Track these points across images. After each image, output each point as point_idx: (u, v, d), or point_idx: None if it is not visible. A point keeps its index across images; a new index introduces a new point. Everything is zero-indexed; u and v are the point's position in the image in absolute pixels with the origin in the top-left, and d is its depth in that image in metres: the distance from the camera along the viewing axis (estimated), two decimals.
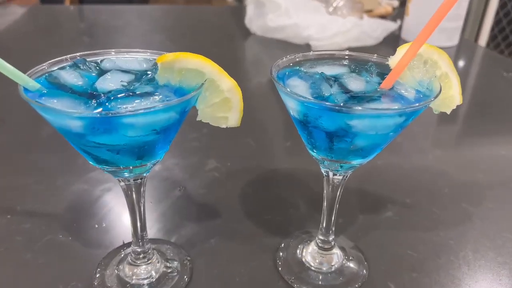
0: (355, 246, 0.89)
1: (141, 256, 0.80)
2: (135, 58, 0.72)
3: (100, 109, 0.57)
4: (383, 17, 2.29)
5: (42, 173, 1.09)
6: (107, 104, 0.58)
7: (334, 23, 1.92)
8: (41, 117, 0.60)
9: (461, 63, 2.04)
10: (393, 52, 0.70)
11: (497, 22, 3.29)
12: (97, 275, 0.80)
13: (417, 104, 0.60)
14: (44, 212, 0.96)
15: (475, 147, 1.33)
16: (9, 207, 0.96)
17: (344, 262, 0.84)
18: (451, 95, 0.70)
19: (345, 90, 0.66)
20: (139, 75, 0.67)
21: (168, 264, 0.82)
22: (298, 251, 0.87)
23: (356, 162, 0.70)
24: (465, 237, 0.93)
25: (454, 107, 0.70)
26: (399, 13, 2.49)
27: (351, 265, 0.84)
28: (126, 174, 0.68)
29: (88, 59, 0.71)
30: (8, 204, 0.97)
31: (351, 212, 0.99)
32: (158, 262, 0.82)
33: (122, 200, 0.98)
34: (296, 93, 0.61)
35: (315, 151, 0.70)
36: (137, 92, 0.61)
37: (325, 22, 1.92)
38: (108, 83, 0.63)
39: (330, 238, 0.83)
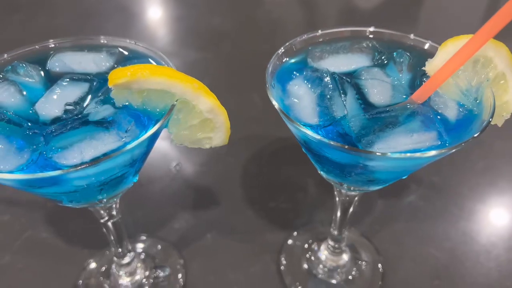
0: (369, 244, 0.78)
1: (124, 266, 0.71)
2: (92, 56, 0.55)
3: (37, 156, 0.43)
4: None
5: None
6: (46, 148, 0.44)
7: None
8: None
9: None
10: None
11: None
12: (80, 284, 0.72)
13: (460, 143, 0.44)
14: (24, 199, 0.86)
15: None
16: None
17: (356, 269, 0.74)
18: (505, 102, 0.52)
19: (364, 103, 0.50)
20: (94, 86, 0.51)
21: (158, 273, 0.74)
22: (304, 253, 0.77)
23: (373, 188, 0.56)
24: (501, 232, 0.81)
25: (508, 116, 0.53)
26: None
27: (365, 272, 0.74)
28: (92, 208, 0.56)
29: (28, 57, 0.55)
30: None
31: (367, 196, 0.86)
32: (147, 270, 0.74)
33: None
34: (295, 122, 0.45)
35: (322, 173, 0.56)
36: (87, 122, 0.46)
37: None
38: (51, 106, 0.48)
39: (343, 244, 0.73)
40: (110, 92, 0.49)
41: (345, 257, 0.74)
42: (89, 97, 0.50)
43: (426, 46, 0.56)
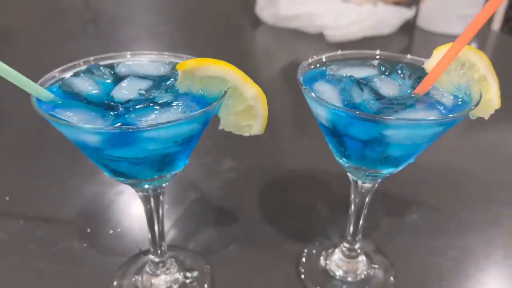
0: (380, 252, 0.85)
1: (160, 265, 0.77)
2: (152, 62, 0.68)
3: (119, 124, 0.53)
4: (398, 3, 2.22)
5: (53, 176, 1.06)
6: (126, 116, 0.54)
7: (349, 11, 1.86)
8: None
9: None
10: (409, 41, 0.66)
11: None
12: (115, 285, 0.77)
13: (456, 114, 0.56)
14: (56, 217, 0.93)
15: (502, 145, 1.27)
16: (20, 212, 0.93)
17: (370, 270, 0.81)
18: (488, 99, 0.65)
19: (377, 95, 0.62)
20: (157, 82, 0.63)
21: (187, 274, 0.79)
22: (321, 259, 0.83)
23: (386, 171, 0.66)
24: (495, 242, 0.89)
25: (492, 112, 0.66)
26: None
27: (378, 273, 0.81)
28: (146, 186, 0.65)
29: (102, 63, 0.67)
30: (19, 209, 0.94)
31: (375, 214, 0.95)
32: (177, 271, 0.79)
33: (136, 204, 0.95)
34: (327, 101, 0.57)
35: (343, 159, 0.67)
36: (157, 102, 0.57)
37: (340, 10, 1.86)
38: (125, 91, 0.59)
39: (356, 246, 0.80)
40: (172, 85, 0.61)
41: (360, 258, 0.81)
42: (155, 88, 0.61)
43: (420, 64, 0.69)
